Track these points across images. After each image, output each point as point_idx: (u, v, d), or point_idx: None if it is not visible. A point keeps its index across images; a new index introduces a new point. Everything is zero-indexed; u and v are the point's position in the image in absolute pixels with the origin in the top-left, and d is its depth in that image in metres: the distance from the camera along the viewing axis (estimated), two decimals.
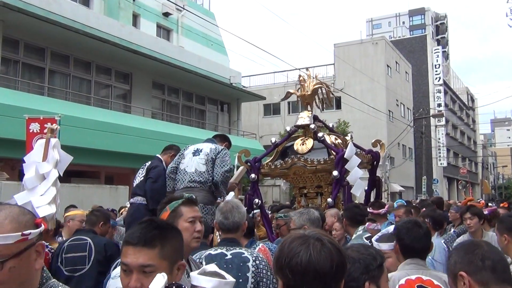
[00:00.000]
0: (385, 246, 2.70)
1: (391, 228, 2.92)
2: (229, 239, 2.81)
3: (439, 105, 39.81)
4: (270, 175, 6.24)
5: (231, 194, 6.81)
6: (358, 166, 5.34)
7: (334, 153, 5.51)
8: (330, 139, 5.82)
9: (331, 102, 6.35)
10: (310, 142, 5.74)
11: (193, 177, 4.31)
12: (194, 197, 2.35)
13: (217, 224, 2.89)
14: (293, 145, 5.93)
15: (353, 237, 4.00)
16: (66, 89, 15.35)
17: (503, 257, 1.80)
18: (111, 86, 17.28)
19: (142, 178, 4.87)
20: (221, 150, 4.55)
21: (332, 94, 6.42)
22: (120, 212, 7.89)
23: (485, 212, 5.32)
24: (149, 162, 4.98)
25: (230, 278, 1.56)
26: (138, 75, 17.91)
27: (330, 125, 7.10)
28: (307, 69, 6.59)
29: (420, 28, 67.33)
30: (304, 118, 5.94)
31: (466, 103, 57.22)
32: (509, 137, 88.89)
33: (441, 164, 40.13)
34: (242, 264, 2.61)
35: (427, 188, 30.69)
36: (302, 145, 5.76)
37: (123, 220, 6.18)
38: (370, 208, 4.83)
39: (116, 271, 2.96)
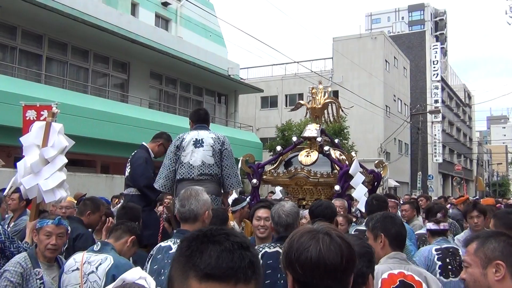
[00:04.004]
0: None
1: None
2: (182, 231, 2.58)
3: (436, 101, 39.86)
4: (272, 182, 6.21)
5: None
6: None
7: (338, 168, 5.52)
8: (335, 154, 5.83)
9: (339, 119, 6.39)
10: (315, 155, 5.73)
11: (202, 170, 4.18)
12: None
13: (177, 213, 2.67)
14: (297, 156, 5.92)
15: None
16: (63, 77, 15.27)
17: None
18: (108, 75, 17.21)
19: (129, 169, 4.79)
20: (224, 141, 4.37)
21: (342, 110, 6.44)
22: (116, 202, 7.89)
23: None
24: (134, 152, 4.85)
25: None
26: (136, 65, 17.83)
27: (336, 141, 6.96)
28: (320, 82, 6.57)
29: (419, 23, 67.28)
30: (311, 130, 5.91)
31: (463, 100, 57.30)
32: (505, 135, 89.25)
33: (436, 160, 40.28)
34: None
35: (422, 184, 30.84)
36: (306, 157, 5.76)
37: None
38: None
39: (69, 264, 2.88)
